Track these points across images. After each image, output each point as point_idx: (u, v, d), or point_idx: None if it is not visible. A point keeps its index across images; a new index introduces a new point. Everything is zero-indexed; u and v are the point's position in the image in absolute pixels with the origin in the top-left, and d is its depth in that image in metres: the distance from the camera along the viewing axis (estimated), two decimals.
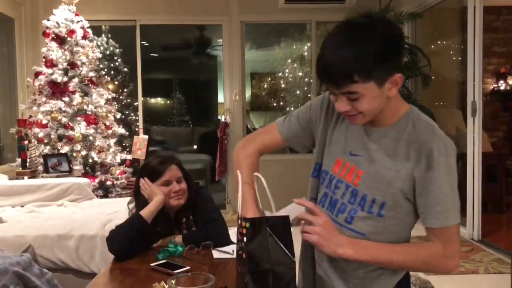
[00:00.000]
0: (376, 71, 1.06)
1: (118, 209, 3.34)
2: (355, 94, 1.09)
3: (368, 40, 1.05)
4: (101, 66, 5.19)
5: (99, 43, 6.68)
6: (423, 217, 1.18)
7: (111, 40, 7.18)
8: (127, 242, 1.70)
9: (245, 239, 1.13)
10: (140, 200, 1.88)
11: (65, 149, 4.41)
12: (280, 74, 7.84)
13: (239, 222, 1.17)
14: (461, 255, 3.86)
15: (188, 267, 1.53)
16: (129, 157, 5.14)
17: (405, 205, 1.19)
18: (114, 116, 5.01)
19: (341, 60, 1.05)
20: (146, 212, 1.79)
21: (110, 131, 4.85)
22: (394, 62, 1.10)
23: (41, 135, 4.41)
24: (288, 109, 8.35)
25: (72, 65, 4.60)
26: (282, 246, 1.15)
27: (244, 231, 1.14)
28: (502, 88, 6.72)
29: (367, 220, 1.20)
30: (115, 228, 1.78)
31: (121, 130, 5.05)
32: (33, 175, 4.32)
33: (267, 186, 1.17)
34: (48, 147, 4.45)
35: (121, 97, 7.17)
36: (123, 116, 6.02)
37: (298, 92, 7.11)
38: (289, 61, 7.17)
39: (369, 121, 1.19)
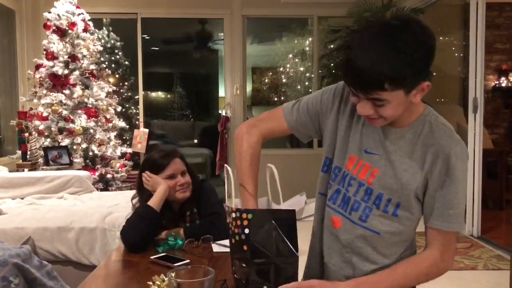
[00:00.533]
0: (407, 80, 1.03)
1: (118, 202, 3.34)
2: (382, 101, 1.06)
3: (404, 48, 1.00)
4: (102, 59, 5.18)
5: (100, 36, 6.65)
6: (433, 218, 1.18)
7: (112, 33, 7.15)
8: (141, 233, 1.70)
9: (246, 231, 1.13)
10: (144, 194, 1.88)
11: (65, 141, 4.42)
12: (281, 69, 7.82)
13: (237, 214, 1.16)
14: (460, 251, 3.88)
15: (187, 260, 1.53)
16: (129, 150, 5.15)
17: (416, 205, 1.20)
18: (115, 109, 5.01)
19: (374, 67, 1.00)
20: (153, 202, 1.79)
21: (110, 124, 4.85)
22: (425, 72, 1.06)
23: (41, 127, 4.41)
24: None
25: (73, 57, 4.59)
26: (287, 240, 1.15)
27: (246, 222, 1.13)
28: (503, 85, 6.70)
29: (383, 219, 1.20)
30: (126, 223, 1.77)
31: (121, 124, 5.05)
32: (34, 167, 4.33)
33: (270, 179, 1.17)
34: (48, 139, 4.45)
35: (121, 90, 7.15)
36: (123, 110, 6.02)
37: (299, 87, 7.11)
38: (290, 56, 7.16)
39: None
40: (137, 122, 6.33)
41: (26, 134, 4.38)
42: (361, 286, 1.15)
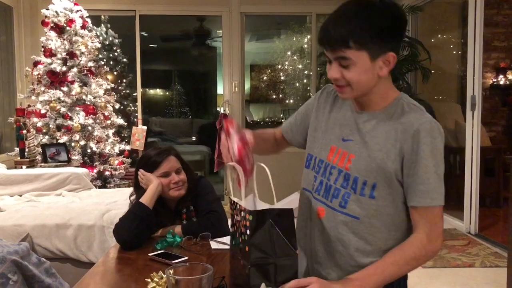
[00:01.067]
0: (371, 42, 1.12)
1: (117, 199, 3.35)
2: (347, 61, 1.14)
3: (370, 13, 1.12)
4: (100, 56, 5.17)
5: (98, 33, 6.65)
6: (408, 197, 1.19)
7: (110, 30, 7.14)
8: (134, 230, 1.70)
9: (248, 231, 1.13)
10: (140, 192, 1.88)
11: (63, 139, 4.41)
12: (279, 66, 7.82)
13: (242, 215, 1.17)
14: (458, 249, 3.88)
15: (186, 258, 1.53)
16: (127, 147, 5.14)
17: (396, 186, 1.20)
18: (113, 107, 5.00)
19: (340, 26, 1.12)
20: (145, 199, 1.79)
21: (108, 122, 4.85)
22: (391, 41, 1.15)
23: (39, 124, 4.41)
24: (287, 101, 8.34)
25: (71, 54, 4.58)
26: (285, 239, 1.15)
27: (248, 223, 1.14)
28: (501, 82, 6.70)
29: (360, 203, 1.22)
30: (119, 221, 1.78)
31: (119, 121, 5.05)
32: (32, 164, 4.32)
33: (263, 178, 1.17)
34: (46, 136, 4.45)
35: (120, 87, 7.14)
36: (122, 107, 6.02)
37: (297, 84, 7.11)
38: (289, 53, 7.16)
39: (359, 106, 1.26)
40: (135, 120, 6.32)
41: (24, 131, 4.37)
42: (354, 282, 1.15)
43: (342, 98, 1.28)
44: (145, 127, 5.53)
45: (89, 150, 4.57)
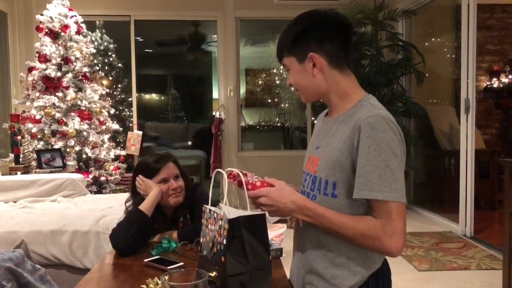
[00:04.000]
0: (294, 48, 1.28)
1: (112, 205, 3.33)
2: (286, 67, 1.33)
3: (293, 25, 1.30)
4: (95, 61, 5.16)
5: (93, 38, 6.64)
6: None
7: (105, 35, 7.14)
8: (131, 237, 1.69)
9: (224, 241, 1.13)
10: (137, 199, 1.87)
11: (58, 144, 4.40)
12: (274, 71, 7.84)
13: (220, 223, 1.16)
14: (454, 251, 3.89)
15: (181, 263, 1.53)
16: (123, 152, 5.13)
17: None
18: (108, 112, 5.00)
19: (281, 37, 1.33)
20: (145, 206, 1.78)
21: (104, 127, 4.84)
22: (312, 43, 1.26)
23: (34, 130, 4.39)
24: (282, 105, 8.35)
25: (65, 60, 4.58)
26: (259, 244, 1.16)
27: (225, 233, 1.14)
28: (495, 85, 6.75)
29: (325, 203, 1.23)
30: (116, 226, 1.76)
31: (115, 126, 5.04)
32: (26, 170, 4.30)
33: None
34: (41, 142, 4.43)
35: (115, 92, 7.13)
36: (117, 112, 6.01)
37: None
38: None
39: (330, 111, 1.36)
40: (130, 124, 6.31)
41: (19, 137, 4.36)
42: (305, 210, 1.21)
43: (304, 102, 1.50)
44: (141, 132, 5.53)
45: (84, 156, 4.56)
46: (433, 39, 6.43)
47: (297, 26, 1.28)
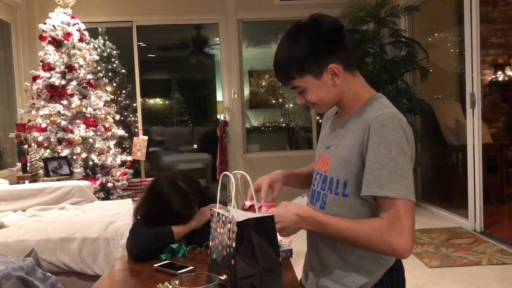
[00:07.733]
0: (308, 65, 1.21)
1: (120, 211, 3.34)
2: (300, 88, 1.26)
3: (297, 41, 1.21)
4: (99, 68, 5.19)
5: (96, 45, 6.66)
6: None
7: (108, 42, 7.16)
8: (151, 251, 1.68)
9: (234, 244, 1.13)
10: (154, 208, 1.80)
11: (65, 152, 4.42)
12: None
13: (229, 227, 1.16)
14: (464, 247, 3.86)
15: (191, 267, 1.53)
16: (129, 158, 5.15)
17: None
18: (113, 118, 5.01)
19: (280, 62, 1.24)
20: (178, 231, 1.76)
21: (109, 133, 4.85)
22: (326, 55, 1.21)
23: (40, 138, 4.41)
24: (287, 105, 8.34)
25: (69, 68, 4.59)
26: (268, 246, 1.15)
27: (234, 235, 1.13)
28: (500, 79, 6.70)
29: (336, 202, 1.24)
30: (139, 238, 1.70)
31: (120, 132, 5.06)
32: (34, 179, 4.32)
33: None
34: (48, 150, 4.45)
35: (119, 98, 7.15)
36: (122, 118, 6.02)
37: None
38: None
39: (340, 112, 1.34)
40: (136, 130, 6.33)
41: (26, 146, 4.38)
42: (310, 220, 1.21)
43: (321, 113, 1.40)
44: (146, 137, 5.55)
45: (91, 162, 4.58)
46: (436, 34, 6.40)
47: (301, 45, 1.21)
